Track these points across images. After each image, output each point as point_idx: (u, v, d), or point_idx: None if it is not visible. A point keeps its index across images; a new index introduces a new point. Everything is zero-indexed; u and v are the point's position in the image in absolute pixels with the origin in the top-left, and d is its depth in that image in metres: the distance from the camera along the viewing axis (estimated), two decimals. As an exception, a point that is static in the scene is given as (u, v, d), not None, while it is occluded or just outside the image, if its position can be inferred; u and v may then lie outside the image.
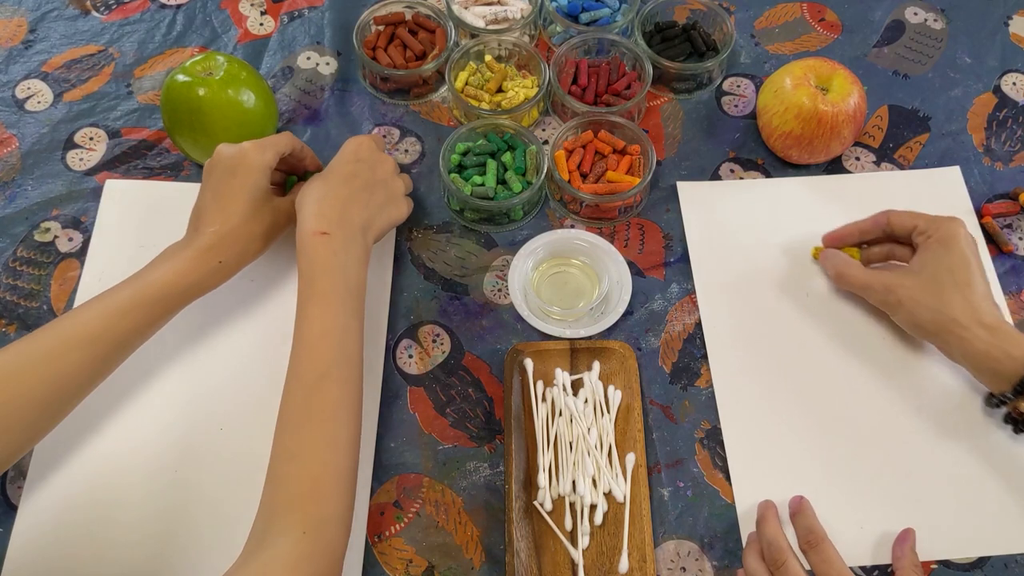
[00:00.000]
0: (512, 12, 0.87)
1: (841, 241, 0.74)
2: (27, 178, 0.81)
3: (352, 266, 0.65)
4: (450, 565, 0.64)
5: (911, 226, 0.70)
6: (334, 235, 0.64)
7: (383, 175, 0.71)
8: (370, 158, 0.71)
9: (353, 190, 0.68)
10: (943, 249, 0.67)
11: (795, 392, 0.71)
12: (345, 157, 0.70)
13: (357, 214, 0.67)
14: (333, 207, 0.66)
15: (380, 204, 0.70)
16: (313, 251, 0.63)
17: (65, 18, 0.91)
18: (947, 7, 0.93)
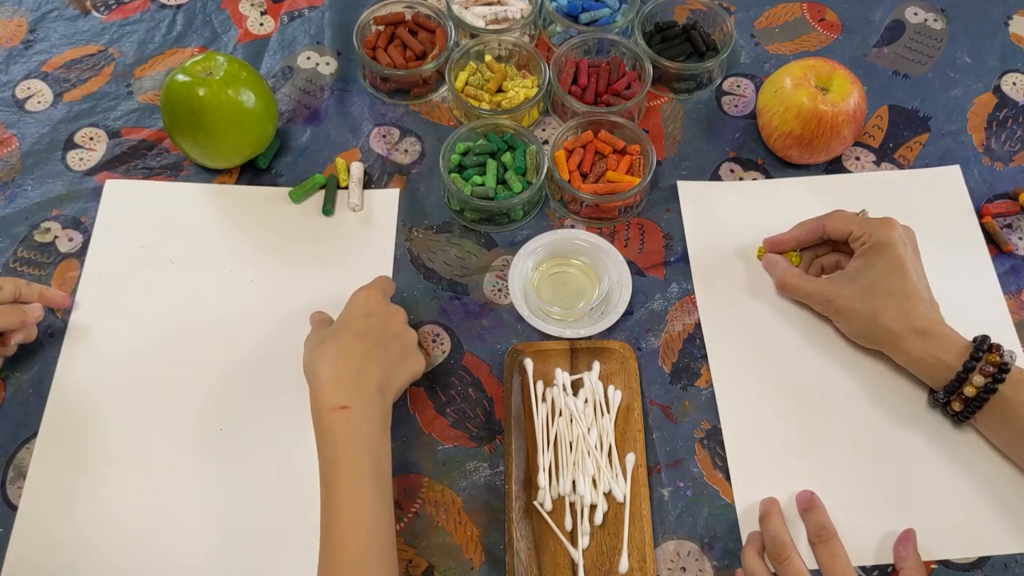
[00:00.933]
0: (512, 12, 0.87)
1: (780, 247, 0.75)
2: (27, 178, 0.81)
3: (375, 436, 0.60)
4: (450, 565, 0.64)
5: (846, 232, 0.70)
6: (353, 407, 0.59)
7: (396, 328, 0.66)
8: (381, 311, 0.66)
9: (367, 349, 0.63)
10: (876, 255, 0.67)
11: (795, 392, 0.71)
12: (355, 312, 0.65)
13: (374, 375, 0.62)
14: (348, 370, 0.61)
15: (395, 361, 0.64)
16: (333, 429, 0.59)
17: (65, 18, 0.91)
18: (947, 7, 0.93)
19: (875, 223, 0.69)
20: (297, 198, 0.79)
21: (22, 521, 0.65)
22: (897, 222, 0.69)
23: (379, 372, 0.62)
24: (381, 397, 0.62)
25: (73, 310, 0.74)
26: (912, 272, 0.66)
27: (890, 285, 0.66)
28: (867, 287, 0.67)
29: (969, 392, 0.63)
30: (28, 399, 0.70)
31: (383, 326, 0.65)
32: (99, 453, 0.68)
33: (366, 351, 0.63)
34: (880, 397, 0.70)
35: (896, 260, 0.66)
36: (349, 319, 0.65)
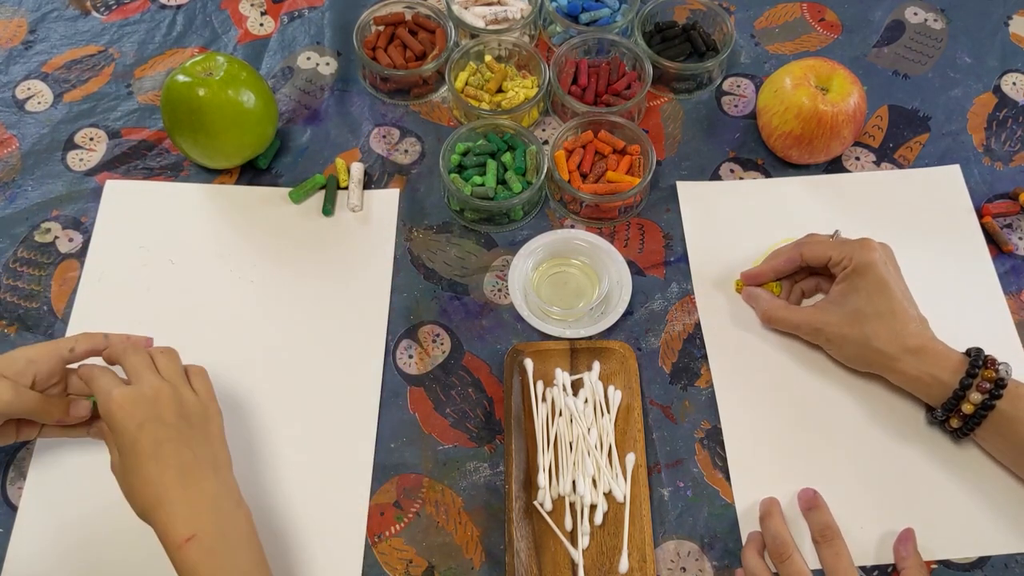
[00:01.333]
0: (512, 12, 0.87)
1: (758, 279, 0.73)
2: (27, 178, 0.81)
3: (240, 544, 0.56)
4: (450, 565, 0.64)
5: (825, 258, 0.69)
6: (200, 535, 0.53)
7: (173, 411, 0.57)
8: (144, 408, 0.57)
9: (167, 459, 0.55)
10: (859, 278, 0.66)
11: (795, 392, 0.71)
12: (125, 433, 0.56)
13: (197, 478, 0.56)
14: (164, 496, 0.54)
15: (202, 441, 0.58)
16: (190, 565, 0.53)
17: (65, 18, 0.91)
18: (947, 7, 0.93)
19: (853, 245, 0.68)
20: (297, 198, 0.79)
21: (22, 521, 0.65)
22: (874, 241, 0.68)
23: (200, 471, 0.56)
24: (224, 490, 0.57)
25: (74, 310, 0.74)
26: (897, 291, 0.66)
27: (877, 307, 0.65)
28: (854, 312, 0.66)
29: (967, 409, 0.63)
30: (28, 399, 0.70)
31: (162, 424, 0.57)
32: (99, 453, 0.68)
33: (172, 461, 0.56)
34: (881, 397, 0.70)
35: (880, 281, 0.65)
36: (128, 443, 0.56)
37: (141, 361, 0.60)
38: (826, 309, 0.68)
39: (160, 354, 0.62)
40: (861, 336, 0.66)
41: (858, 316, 0.66)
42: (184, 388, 0.60)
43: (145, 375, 0.59)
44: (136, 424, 0.56)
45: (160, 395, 0.58)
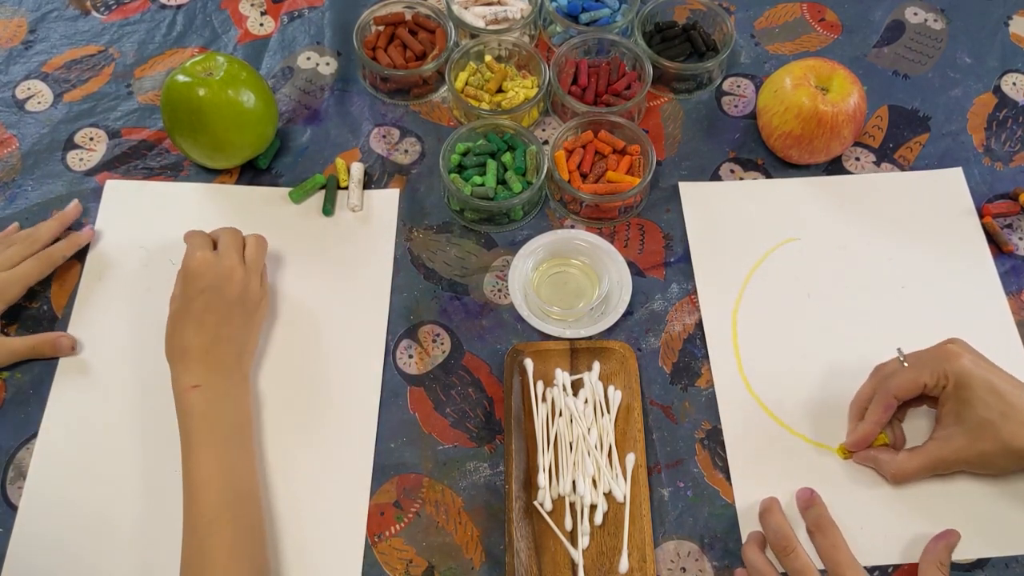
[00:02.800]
0: (512, 12, 0.87)
1: (865, 443, 0.67)
2: (27, 178, 0.81)
3: (231, 406, 0.65)
4: (450, 565, 0.64)
5: (919, 387, 0.64)
6: (205, 385, 0.63)
7: (235, 292, 0.67)
8: (214, 277, 0.66)
9: (208, 327, 0.65)
10: (965, 391, 0.62)
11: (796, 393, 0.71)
12: (190, 289, 0.66)
13: (224, 350, 0.65)
14: (197, 352, 0.64)
15: (241, 327, 0.67)
16: (187, 406, 0.63)
17: (65, 18, 0.91)
18: (947, 7, 0.93)
19: (937, 360, 0.64)
20: (297, 198, 0.79)
21: (22, 521, 0.65)
22: (951, 346, 0.64)
23: (229, 346, 0.66)
24: (238, 365, 0.66)
25: (74, 310, 0.74)
26: (1005, 384, 0.62)
27: (1000, 409, 0.61)
28: (978, 426, 0.62)
29: None
30: (28, 399, 0.70)
31: (219, 296, 0.66)
32: (99, 453, 0.68)
33: (208, 329, 0.65)
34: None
35: (986, 384, 0.62)
36: (186, 296, 0.66)
37: (233, 241, 0.69)
38: (949, 437, 0.64)
39: (252, 240, 0.71)
40: (1000, 445, 0.61)
41: (985, 427, 0.62)
42: (254, 277, 0.69)
43: (231, 253, 0.68)
44: (201, 287, 0.66)
45: (233, 274, 0.67)
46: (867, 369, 0.71)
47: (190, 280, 0.66)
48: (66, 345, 0.71)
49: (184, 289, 0.67)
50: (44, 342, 0.71)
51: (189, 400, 0.63)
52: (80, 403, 0.70)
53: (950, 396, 0.63)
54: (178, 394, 0.64)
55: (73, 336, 0.72)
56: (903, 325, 0.73)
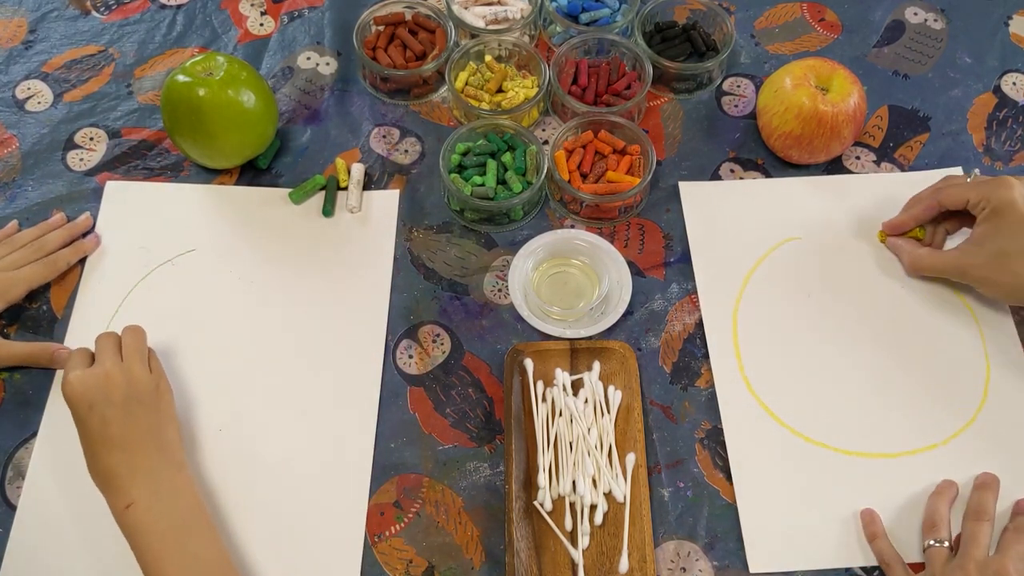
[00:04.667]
0: (512, 12, 0.87)
1: (901, 228, 0.75)
2: (27, 178, 0.81)
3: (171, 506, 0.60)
4: (450, 565, 0.64)
5: (963, 201, 0.69)
6: (137, 500, 0.59)
7: (119, 393, 0.62)
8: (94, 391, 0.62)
9: (114, 441, 0.61)
10: (1000, 219, 0.66)
11: (797, 393, 0.71)
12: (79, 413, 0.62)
13: (140, 457, 0.61)
14: (111, 472, 0.60)
15: (148, 422, 0.62)
16: (128, 528, 0.59)
17: (65, 18, 0.91)
18: (947, 7, 0.93)
19: (991, 185, 0.67)
20: (297, 199, 0.79)
21: (21, 521, 0.65)
22: (1012, 178, 0.67)
23: (142, 451, 0.61)
24: (164, 465, 0.62)
25: (74, 311, 0.74)
26: None
27: (1022, 246, 0.65)
28: (998, 253, 0.66)
29: None
30: (28, 399, 0.70)
31: (110, 406, 0.61)
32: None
33: (117, 444, 0.61)
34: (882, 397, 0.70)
35: (1021, 219, 0.65)
36: (81, 424, 0.62)
37: (106, 343, 0.66)
38: (970, 252, 0.69)
39: (127, 331, 0.67)
40: (1011, 276, 0.66)
41: (1004, 257, 0.66)
42: (138, 365, 0.64)
43: (105, 356, 0.64)
44: (87, 406, 0.61)
45: (112, 377, 0.63)
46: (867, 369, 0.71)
47: (74, 405, 0.62)
48: (64, 358, 0.70)
49: (75, 416, 0.62)
50: (42, 351, 0.70)
51: (127, 522, 0.59)
52: (80, 403, 0.70)
53: (986, 219, 0.67)
54: (117, 520, 0.60)
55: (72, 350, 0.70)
56: (903, 324, 0.73)
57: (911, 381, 0.71)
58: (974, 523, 0.62)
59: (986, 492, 0.64)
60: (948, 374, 0.71)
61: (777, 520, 0.65)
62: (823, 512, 0.66)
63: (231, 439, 0.69)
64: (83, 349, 0.66)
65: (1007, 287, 0.68)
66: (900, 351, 0.72)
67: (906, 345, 0.73)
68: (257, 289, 0.76)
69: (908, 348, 0.72)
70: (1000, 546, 0.60)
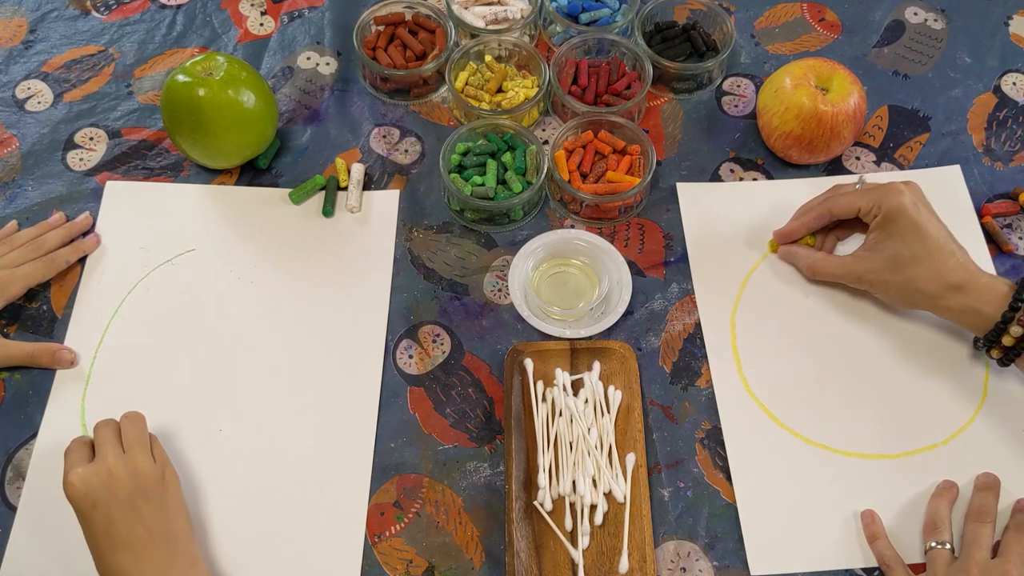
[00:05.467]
0: (512, 12, 0.87)
1: (791, 237, 0.75)
2: (27, 178, 0.81)
3: None
4: (450, 565, 0.64)
5: (854, 210, 0.70)
6: None
7: (123, 489, 0.59)
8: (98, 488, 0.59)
9: (120, 537, 0.58)
10: (891, 225, 0.67)
11: (796, 394, 0.71)
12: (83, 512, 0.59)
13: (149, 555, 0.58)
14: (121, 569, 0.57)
15: (155, 516, 0.59)
16: None
17: (65, 18, 0.91)
18: (947, 7, 0.93)
19: (879, 192, 0.68)
20: (297, 199, 0.79)
21: (21, 522, 0.65)
22: (900, 184, 0.68)
23: (150, 548, 0.58)
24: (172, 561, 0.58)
25: (74, 311, 0.74)
26: (931, 230, 0.66)
27: (914, 250, 0.66)
28: (892, 258, 0.67)
29: (1007, 342, 0.64)
30: (28, 399, 0.70)
31: (115, 503, 0.58)
32: (99, 453, 0.68)
33: (124, 542, 0.58)
34: (882, 397, 0.70)
35: (912, 224, 0.66)
36: (85, 524, 0.59)
37: (106, 434, 0.63)
38: (865, 257, 0.70)
39: (126, 420, 0.65)
40: (903, 280, 0.67)
41: (897, 261, 0.67)
42: (142, 456, 0.61)
43: (105, 451, 0.61)
44: (90, 504, 0.58)
45: (115, 472, 0.60)
46: (865, 369, 0.71)
47: (77, 504, 0.59)
48: (66, 359, 0.70)
49: (79, 515, 0.59)
50: (44, 352, 0.70)
51: None
52: (80, 404, 0.70)
53: (878, 226, 0.68)
54: None
55: (74, 350, 0.71)
56: (903, 324, 0.73)
57: (910, 381, 0.71)
58: (976, 525, 0.62)
59: (988, 493, 0.64)
60: (947, 374, 0.71)
61: (777, 521, 0.65)
62: (823, 513, 0.66)
63: (231, 439, 0.69)
64: (82, 440, 0.63)
65: (899, 291, 0.68)
66: (899, 351, 0.72)
67: (905, 345, 0.73)
68: (257, 289, 0.76)
69: (907, 348, 0.72)
70: (1002, 549, 0.60)
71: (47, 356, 0.70)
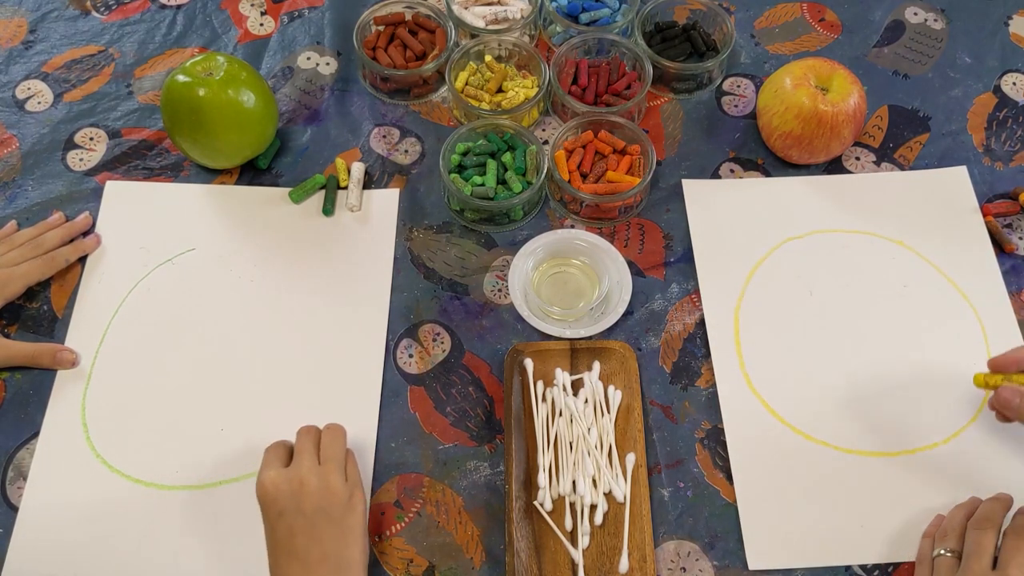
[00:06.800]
0: (512, 12, 0.87)
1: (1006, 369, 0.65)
2: (27, 178, 0.81)
3: None
4: (450, 565, 0.64)
5: None
6: None
7: (311, 503, 0.59)
8: (287, 496, 0.60)
9: (297, 551, 0.58)
10: None
11: (798, 391, 0.71)
12: (268, 517, 0.60)
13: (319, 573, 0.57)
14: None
15: (335, 538, 0.59)
16: None
17: (65, 18, 0.91)
18: (947, 7, 0.93)
19: None
20: (297, 198, 0.79)
21: (22, 522, 0.65)
22: None
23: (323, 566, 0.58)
24: None
25: (74, 310, 0.74)
26: None
27: None
28: None
29: None
30: (28, 399, 0.70)
31: (300, 515, 0.59)
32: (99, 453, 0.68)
33: (301, 556, 0.58)
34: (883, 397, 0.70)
35: None
36: (268, 528, 0.60)
37: (306, 444, 0.63)
38: None
39: (328, 432, 0.64)
40: None
41: None
42: (335, 474, 0.61)
43: (302, 460, 0.61)
44: (277, 512, 0.59)
45: (306, 484, 0.60)
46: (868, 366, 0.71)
47: (265, 508, 0.60)
48: (67, 359, 0.70)
49: (265, 519, 0.60)
50: (45, 352, 0.70)
51: None
52: (80, 404, 0.70)
53: None
54: None
55: (75, 351, 0.71)
56: (905, 322, 0.73)
57: (912, 379, 0.71)
58: (978, 532, 0.61)
59: (996, 504, 0.63)
60: (950, 372, 0.71)
61: (777, 517, 0.65)
62: (823, 510, 0.66)
63: (232, 438, 0.69)
64: (283, 443, 0.64)
65: None
66: (901, 349, 0.72)
67: (907, 343, 0.73)
68: (257, 288, 0.76)
69: (909, 346, 0.72)
70: (1002, 559, 0.60)
71: (48, 357, 0.70)
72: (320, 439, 0.64)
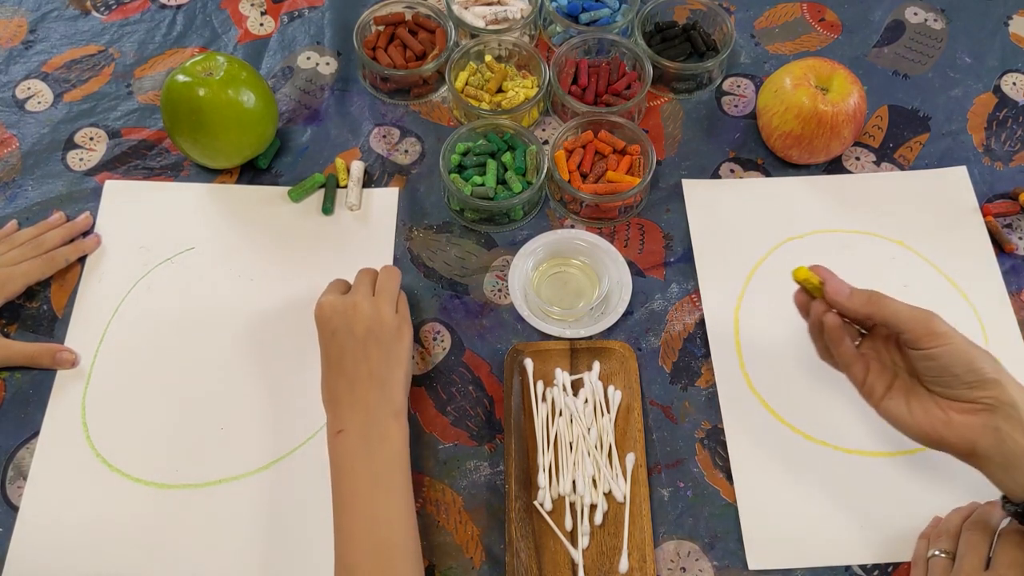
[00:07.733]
0: (512, 12, 0.87)
1: None
2: (27, 178, 0.81)
3: (375, 448, 0.61)
4: (450, 565, 0.64)
5: None
6: (348, 431, 0.61)
7: (365, 325, 0.65)
8: (341, 318, 0.65)
9: (346, 369, 0.63)
10: None
11: (798, 391, 0.71)
12: (322, 335, 0.66)
13: (364, 390, 0.63)
14: (339, 396, 0.63)
15: (381, 360, 0.64)
16: (332, 453, 0.62)
17: (65, 18, 0.91)
18: (947, 7, 0.93)
19: None
20: (297, 197, 0.79)
21: (22, 521, 0.65)
22: None
23: (368, 385, 0.63)
24: (381, 405, 0.63)
25: (74, 310, 0.74)
26: None
27: None
28: None
29: None
30: (28, 399, 0.70)
31: (351, 337, 0.64)
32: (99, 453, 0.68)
33: (348, 372, 0.63)
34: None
35: None
36: (322, 346, 0.66)
37: (364, 279, 0.70)
38: None
39: (384, 271, 0.71)
40: None
41: None
42: (387, 305, 0.67)
43: (359, 289, 0.68)
44: (331, 331, 0.65)
45: (358, 310, 0.65)
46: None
47: (320, 327, 0.66)
48: (67, 360, 0.71)
49: (320, 338, 0.66)
50: (44, 353, 0.70)
51: (334, 447, 0.61)
52: (80, 403, 0.70)
53: None
54: (329, 441, 0.62)
55: (75, 351, 0.71)
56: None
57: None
58: (972, 533, 0.61)
59: (992, 507, 0.62)
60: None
61: (777, 517, 0.65)
62: (823, 510, 0.66)
63: (232, 438, 0.69)
64: (341, 280, 0.70)
65: None
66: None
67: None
68: (257, 287, 0.76)
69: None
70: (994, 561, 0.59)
71: (48, 357, 0.70)
72: (376, 280, 0.70)
